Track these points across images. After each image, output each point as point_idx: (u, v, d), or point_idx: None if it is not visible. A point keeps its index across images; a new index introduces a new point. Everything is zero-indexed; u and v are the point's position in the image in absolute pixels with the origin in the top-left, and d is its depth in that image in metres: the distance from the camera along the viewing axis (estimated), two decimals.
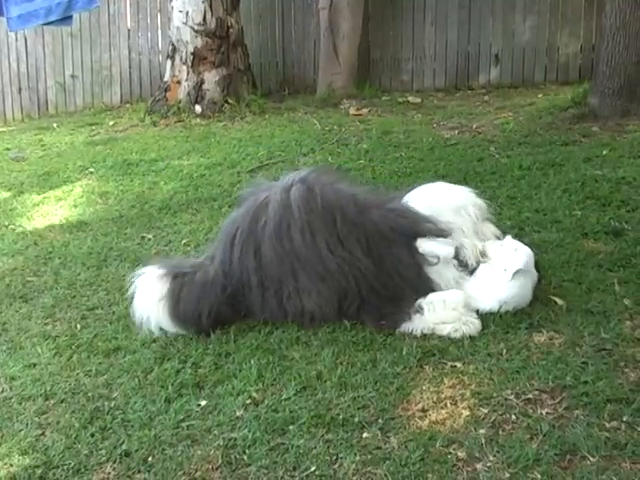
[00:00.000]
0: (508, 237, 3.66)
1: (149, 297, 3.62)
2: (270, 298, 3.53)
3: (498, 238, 3.72)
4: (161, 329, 3.59)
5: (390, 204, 3.73)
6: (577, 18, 9.18)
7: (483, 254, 3.59)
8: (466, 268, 3.57)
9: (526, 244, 3.65)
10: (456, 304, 3.41)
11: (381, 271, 3.50)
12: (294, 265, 3.49)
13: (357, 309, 3.49)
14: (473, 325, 3.34)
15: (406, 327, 3.38)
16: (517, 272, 3.42)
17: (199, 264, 3.77)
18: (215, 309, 3.55)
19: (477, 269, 3.57)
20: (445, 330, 3.34)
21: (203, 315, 3.54)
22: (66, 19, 5.06)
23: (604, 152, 5.79)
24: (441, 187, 3.95)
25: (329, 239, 3.50)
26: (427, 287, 3.49)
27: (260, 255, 3.52)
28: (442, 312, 3.38)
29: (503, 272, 3.45)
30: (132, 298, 3.69)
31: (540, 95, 8.53)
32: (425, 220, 3.62)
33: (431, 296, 3.45)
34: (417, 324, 3.37)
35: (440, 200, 3.77)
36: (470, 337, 3.30)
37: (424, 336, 3.35)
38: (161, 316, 3.58)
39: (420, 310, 3.39)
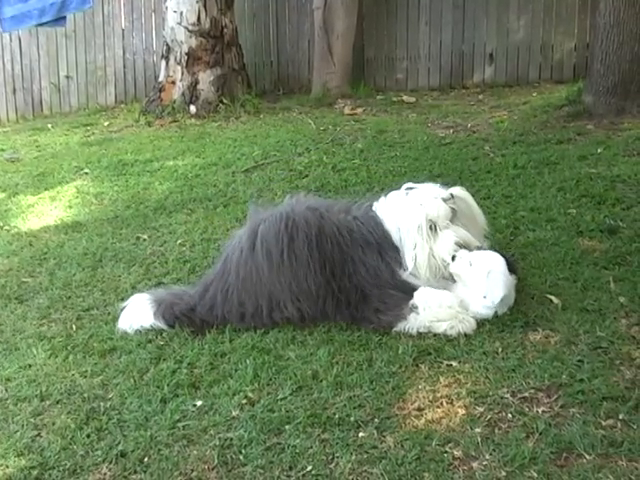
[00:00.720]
0: (475, 252, 3.52)
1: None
2: (249, 318, 3.60)
3: (462, 246, 3.54)
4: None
5: (353, 213, 3.74)
6: (571, 16, 9.18)
7: (453, 275, 3.52)
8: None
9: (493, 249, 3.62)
10: (451, 302, 3.42)
11: (341, 273, 3.56)
12: (263, 288, 3.60)
13: (335, 309, 3.54)
14: (469, 323, 3.35)
15: (402, 326, 3.39)
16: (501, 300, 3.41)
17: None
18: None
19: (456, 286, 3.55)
20: (441, 328, 3.35)
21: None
22: (60, 20, 5.05)
23: (599, 150, 5.79)
24: (400, 202, 3.68)
25: (281, 255, 3.58)
26: (406, 289, 3.50)
27: (233, 296, 3.65)
28: (438, 310, 3.38)
29: (483, 299, 3.41)
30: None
31: (535, 94, 8.54)
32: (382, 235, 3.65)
33: (426, 295, 3.45)
34: (413, 322, 3.38)
35: (395, 219, 3.64)
36: (466, 335, 3.30)
37: (420, 335, 3.36)
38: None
39: (415, 309, 3.39)
